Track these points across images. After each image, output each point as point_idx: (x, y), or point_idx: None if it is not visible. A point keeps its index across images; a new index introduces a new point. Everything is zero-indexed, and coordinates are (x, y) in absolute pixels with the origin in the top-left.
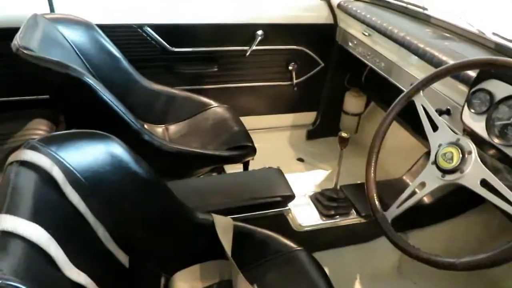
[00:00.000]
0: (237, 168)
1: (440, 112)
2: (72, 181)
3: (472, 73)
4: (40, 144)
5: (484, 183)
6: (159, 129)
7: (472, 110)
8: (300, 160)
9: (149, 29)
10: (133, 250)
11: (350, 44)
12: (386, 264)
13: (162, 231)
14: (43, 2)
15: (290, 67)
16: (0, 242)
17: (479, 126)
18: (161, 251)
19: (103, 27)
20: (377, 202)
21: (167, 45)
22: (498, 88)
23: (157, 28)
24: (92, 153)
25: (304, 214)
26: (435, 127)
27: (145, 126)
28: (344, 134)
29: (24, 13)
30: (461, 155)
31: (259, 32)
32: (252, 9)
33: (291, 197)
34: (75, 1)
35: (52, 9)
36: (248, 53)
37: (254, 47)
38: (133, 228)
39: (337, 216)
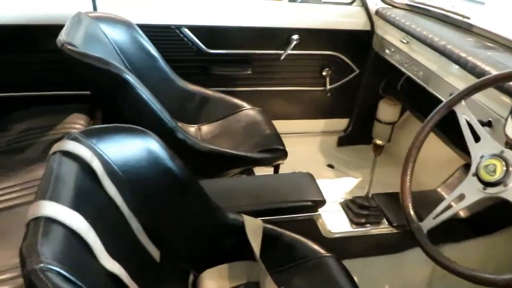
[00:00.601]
0: (267, 171)
1: (481, 124)
2: (110, 174)
3: None
4: (81, 136)
5: None
6: (192, 129)
7: None
8: (330, 166)
9: (186, 30)
10: (164, 246)
11: (387, 51)
12: (417, 278)
13: (193, 229)
14: (87, 0)
15: (324, 73)
16: (43, 227)
17: None
18: (191, 248)
19: (142, 27)
20: (412, 212)
21: (203, 46)
22: None
23: (194, 29)
24: (130, 148)
25: (334, 221)
26: (477, 138)
27: (179, 124)
28: (379, 142)
29: (69, 11)
30: (505, 168)
31: (295, 36)
32: (289, 13)
33: (322, 202)
34: (117, 0)
35: (95, 8)
36: (282, 57)
37: (289, 51)
38: (165, 223)
39: (368, 225)
